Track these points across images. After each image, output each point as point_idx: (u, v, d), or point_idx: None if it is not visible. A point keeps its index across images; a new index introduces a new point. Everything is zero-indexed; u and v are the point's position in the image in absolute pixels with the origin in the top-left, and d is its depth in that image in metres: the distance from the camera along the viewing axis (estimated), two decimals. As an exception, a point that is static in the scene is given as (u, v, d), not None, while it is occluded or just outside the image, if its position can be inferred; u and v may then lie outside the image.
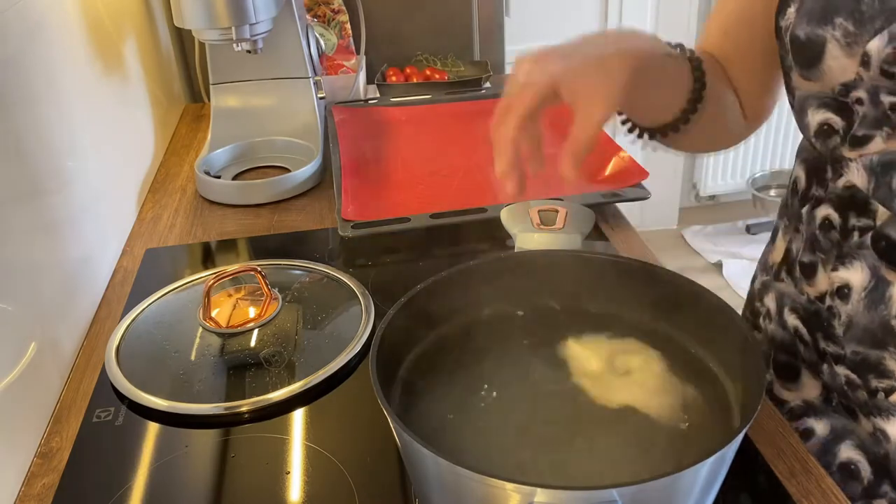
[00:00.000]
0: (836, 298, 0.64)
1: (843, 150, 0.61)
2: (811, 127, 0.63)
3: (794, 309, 0.70)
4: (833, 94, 0.60)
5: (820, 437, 0.68)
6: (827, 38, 0.57)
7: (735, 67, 0.72)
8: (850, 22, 0.55)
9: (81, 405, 0.71)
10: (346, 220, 0.93)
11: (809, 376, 0.70)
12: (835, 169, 0.63)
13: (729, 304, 0.56)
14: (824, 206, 0.65)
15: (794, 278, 0.70)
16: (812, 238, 0.66)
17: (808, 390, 0.70)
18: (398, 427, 0.47)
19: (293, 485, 0.61)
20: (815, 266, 0.66)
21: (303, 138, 1.20)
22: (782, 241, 0.72)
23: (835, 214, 0.63)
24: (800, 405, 0.71)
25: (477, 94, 1.35)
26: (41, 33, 0.82)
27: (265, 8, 1.02)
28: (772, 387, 0.74)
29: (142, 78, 1.20)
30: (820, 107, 0.62)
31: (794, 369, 0.72)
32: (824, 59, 0.58)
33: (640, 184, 0.98)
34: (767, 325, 0.75)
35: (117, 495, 0.60)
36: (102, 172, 0.95)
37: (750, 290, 0.81)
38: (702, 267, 2.59)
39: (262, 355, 0.74)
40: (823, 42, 0.57)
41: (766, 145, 2.71)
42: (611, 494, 0.41)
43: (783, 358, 0.73)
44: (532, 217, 0.72)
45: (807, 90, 0.63)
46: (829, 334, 0.65)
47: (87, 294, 0.85)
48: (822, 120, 0.62)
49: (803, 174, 0.69)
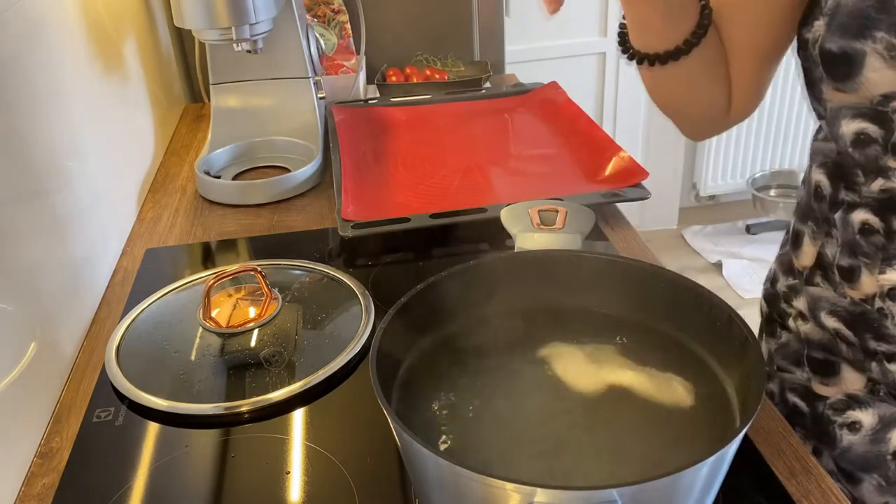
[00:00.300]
0: (888, 300, 0.64)
1: (886, 159, 0.61)
2: (846, 137, 0.64)
3: (835, 312, 0.70)
4: (871, 105, 0.60)
5: (868, 428, 0.69)
6: (867, 51, 0.58)
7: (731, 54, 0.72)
8: (892, 34, 0.56)
9: (81, 405, 0.71)
10: (346, 220, 0.93)
11: (851, 371, 0.71)
12: (868, 174, 0.63)
13: (729, 304, 0.56)
14: (861, 211, 0.65)
15: (831, 282, 0.70)
16: (851, 243, 0.66)
17: (849, 384, 0.71)
18: (398, 427, 0.47)
19: (293, 485, 0.61)
20: (857, 270, 0.66)
21: (303, 138, 1.20)
22: (811, 246, 0.72)
23: (874, 218, 0.64)
24: (842, 399, 0.71)
25: (477, 94, 1.35)
26: (41, 33, 0.82)
27: (265, 8, 1.02)
28: (808, 383, 0.74)
29: (142, 78, 1.20)
30: (855, 117, 0.62)
31: (832, 366, 0.72)
32: (863, 71, 0.59)
33: (640, 184, 0.98)
34: (800, 326, 0.75)
35: (117, 495, 0.60)
36: (102, 172, 0.95)
37: (771, 292, 0.81)
38: (702, 267, 2.59)
39: (262, 355, 0.74)
40: (863, 55, 0.58)
41: (766, 145, 2.72)
42: (611, 494, 0.41)
43: (819, 355, 0.73)
44: (532, 217, 0.72)
45: (840, 101, 0.63)
46: (882, 334, 0.66)
47: (87, 294, 0.85)
48: (859, 129, 0.62)
49: (825, 178, 0.69)
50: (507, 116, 1.28)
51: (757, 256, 2.59)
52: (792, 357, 0.77)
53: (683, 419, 0.55)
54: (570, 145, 1.14)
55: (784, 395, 0.77)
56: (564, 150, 1.14)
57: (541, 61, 2.37)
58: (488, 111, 1.30)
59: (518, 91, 1.34)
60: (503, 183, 1.05)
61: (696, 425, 0.54)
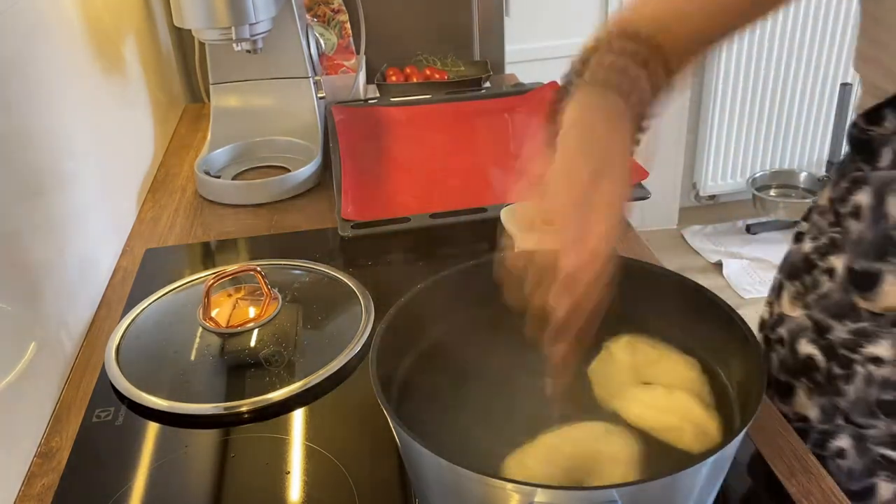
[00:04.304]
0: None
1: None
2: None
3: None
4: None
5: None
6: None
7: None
8: None
9: (81, 405, 0.71)
10: (346, 220, 0.93)
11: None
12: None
13: (729, 304, 0.56)
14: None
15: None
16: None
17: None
18: (398, 427, 0.47)
19: (293, 485, 0.61)
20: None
21: (303, 138, 1.20)
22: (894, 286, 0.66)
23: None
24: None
25: (477, 94, 1.35)
26: (41, 33, 0.82)
27: (265, 8, 1.02)
28: (891, 430, 0.69)
29: (142, 78, 1.20)
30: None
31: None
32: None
33: (640, 184, 0.98)
34: (873, 370, 0.69)
35: (117, 495, 0.60)
36: (102, 172, 0.95)
37: (823, 344, 0.74)
38: (702, 267, 2.59)
39: (261, 355, 0.74)
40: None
41: (766, 145, 2.71)
42: (611, 494, 0.41)
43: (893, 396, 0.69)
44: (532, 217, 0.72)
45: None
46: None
47: (87, 294, 0.85)
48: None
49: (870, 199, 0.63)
50: (507, 116, 1.28)
51: (757, 256, 2.58)
52: (863, 409, 0.68)
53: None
54: (570, 145, 1.14)
55: (863, 447, 0.69)
56: (564, 150, 1.14)
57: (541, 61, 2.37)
58: (488, 111, 1.30)
59: (518, 91, 1.34)
60: (503, 183, 1.05)
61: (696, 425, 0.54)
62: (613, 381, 0.58)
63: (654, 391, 0.57)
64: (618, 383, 0.58)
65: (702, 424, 0.53)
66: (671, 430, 0.54)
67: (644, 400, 0.56)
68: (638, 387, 0.57)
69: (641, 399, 0.56)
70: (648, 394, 0.56)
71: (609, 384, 0.58)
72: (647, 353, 0.60)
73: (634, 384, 0.57)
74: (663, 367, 0.59)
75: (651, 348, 0.60)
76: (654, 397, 0.56)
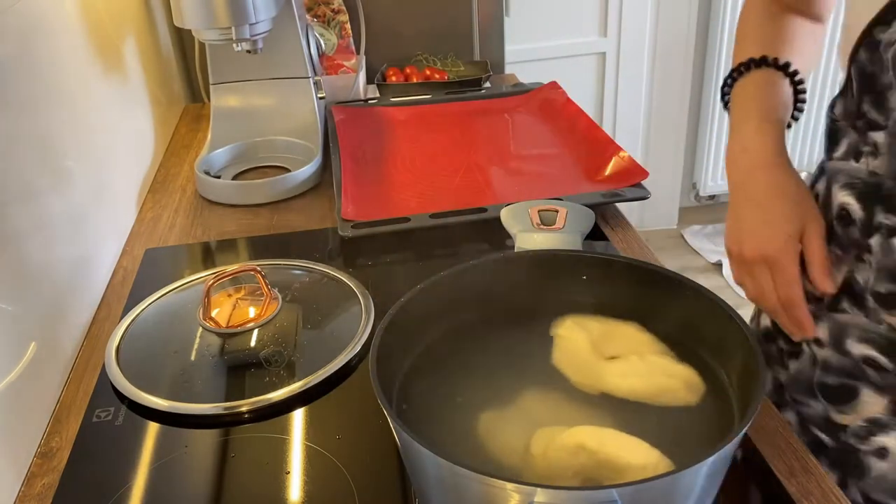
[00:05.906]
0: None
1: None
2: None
3: (867, 339, 0.66)
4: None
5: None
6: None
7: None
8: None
9: (81, 405, 0.71)
10: (346, 220, 0.93)
11: (872, 394, 0.67)
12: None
13: (729, 304, 0.56)
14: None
15: (864, 308, 0.66)
16: (894, 269, 0.62)
17: (869, 408, 0.68)
18: (398, 427, 0.47)
19: (293, 485, 0.61)
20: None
21: (303, 138, 1.20)
22: (837, 273, 0.68)
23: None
24: (863, 425, 0.68)
25: (477, 94, 1.35)
26: (41, 33, 0.82)
27: (265, 8, 1.02)
28: (826, 413, 0.71)
29: (142, 78, 1.20)
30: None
31: (850, 390, 0.69)
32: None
33: (640, 184, 0.98)
34: (817, 351, 0.71)
35: (117, 495, 0.60)
36: (102, 172, 0.95)
37: (770, 328, 0.78)
38: (702, 267, 2.59)
39: (261, 355, 0.74)
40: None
41: (765, 145, 2.71)
42: (611, 494, 0.41)
43: (834, 381, 0.70)
44: (532, 217, 0.72)
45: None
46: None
47: (87, 294, 0.85)
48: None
49: (854, 201, 0.65)
50: (507, 116, 1.28)
51: (757, 256, 2.59)
52: (805, 386, 0.73)
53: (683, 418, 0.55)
54: (570, 145, 1.14)
55: (804, 425, 0.74)
56: (564, 150, 1.14)
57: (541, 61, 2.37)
58: (488, 111, 1.30)
59: (518, 91, 1.34)
60: (503, 183, 1.05)
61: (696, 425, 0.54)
62: (582, 363, 0.58)
63: (628, 361, 0.58)
64: (587, 364, 0.58)
65: (687, 378, 0.56)
66: (665, 393, 0.55)
67: (625, 372, 0.57)
68: (609, 362, 0.58)
69: (622, 372, 0.57)
70: (625, 365, 0.57)
71: (580, 368, 0.58)
72: (596, 328, 0.61)
73: (603, 360, 0.58)
74: (618, 337, 0.60)
75: (597, 323, 0.61)
76: (633, 367, 0.57)
